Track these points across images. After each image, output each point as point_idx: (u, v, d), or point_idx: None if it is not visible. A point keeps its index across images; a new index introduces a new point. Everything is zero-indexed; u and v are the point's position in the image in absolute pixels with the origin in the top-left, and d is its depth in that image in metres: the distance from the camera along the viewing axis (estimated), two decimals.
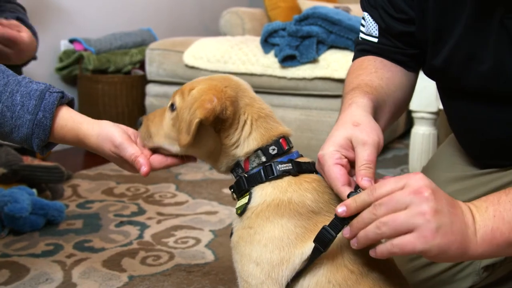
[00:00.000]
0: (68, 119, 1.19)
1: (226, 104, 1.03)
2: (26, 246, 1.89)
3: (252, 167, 1.06)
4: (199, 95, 1.03)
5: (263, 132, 1.06)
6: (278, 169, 1.03)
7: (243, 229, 1.03)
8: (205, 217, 2.19)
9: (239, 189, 1.08)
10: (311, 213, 1.01)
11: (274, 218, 1.00)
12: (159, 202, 2.37)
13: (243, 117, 1.06)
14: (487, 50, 1.13)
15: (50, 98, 1.17)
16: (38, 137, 1.17)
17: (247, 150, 1.06)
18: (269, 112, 1.10)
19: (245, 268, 1.02)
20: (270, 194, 1.02)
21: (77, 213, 2.22)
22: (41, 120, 1.15)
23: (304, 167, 1.05)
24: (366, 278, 0.98)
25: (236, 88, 1.08)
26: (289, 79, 2.83)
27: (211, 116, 1.01)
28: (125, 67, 3.46)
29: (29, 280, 1.65)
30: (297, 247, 0.99)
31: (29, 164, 2.30)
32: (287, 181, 1.03)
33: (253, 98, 1.09)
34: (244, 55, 2.95)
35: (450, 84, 1.29)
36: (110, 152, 1.16)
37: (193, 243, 1.93)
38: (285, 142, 1.07)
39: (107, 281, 1.65)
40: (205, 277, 1.68)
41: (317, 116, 2.85)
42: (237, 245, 1.04)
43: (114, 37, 3.51)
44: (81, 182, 2.63)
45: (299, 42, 2.79)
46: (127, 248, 1.89)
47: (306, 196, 1.01)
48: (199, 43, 3.17)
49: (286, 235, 0.99)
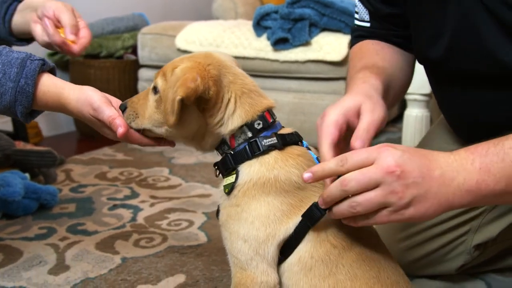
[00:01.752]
0: (50, 85, 1.20)
1: (209, 84, 1.02)
2: (19, 229, 1.89)
3: (239, 143, 1.06)
4: (182, 73, 1.02)
5: (248, 108, 1.06)
6: (263, 144, 1.03)
7: (231, 207, 1.05)
8: (198, 200, 2.19)
9: (225, 167, 1.07)
10: (297, 190, 1.02)
11: (260, 196, 1.01)
12: (152, 185, 2.37)
13: (227, 95, 1.05)
14: (471, 32, 1.13)
15: (32, 65, 1.18)
16: (21, 104, 1.17)
17: (232, 128, 1.06)
18: (253, 87, 1.09)
19: (234, 245, 1.04)
20: (257, 172, 1.03)
21: (70, 197, 2.22)
22: (23, 87, 1.16)
23: (289, 139, 1.06)
24: (349, 252, 1.00)
25: (219, 66, 1.07)
26: (281, 62, 2.82)
27: (193, 95, 1.00)
28: (117, 52, 3.44)
29: (22, 262, 1.65)
30: (283, 223, 1.01)
31: (21, 149, 2.29)
32: (274, 157, 1.03)
33: (236, 75, 1.08)
34: (236, 39, 2.94)
35: (436, 68, 1.29)
36: (89, 116, 1.16)
37: (186, 225, 1.94)
38: (269, 115, 1.08)
39: (100, 263, 1.65)
40: (198, 258, 1.69)
41: (310, 99, 2.84)
42: (226, 223, 1.06)
43: (106, 22, 3.49)
44: (74, 166, 2.63)
45: (292, 25, 2.78)
46: (120, 230, 1.89)
47: (292, 172, 1.02)
48: (191, 27, 3.15)
49: (272, 213, 1.01)
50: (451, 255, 1.48)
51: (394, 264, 1.04)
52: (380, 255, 1.02)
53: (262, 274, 1.02)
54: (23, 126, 2.82)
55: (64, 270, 1.61)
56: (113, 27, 3.47)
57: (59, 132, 3.42)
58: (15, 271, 1.60)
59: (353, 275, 0.98)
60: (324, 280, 0.99)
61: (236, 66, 1.12)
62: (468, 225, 1.43)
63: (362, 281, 0.98)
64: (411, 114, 2.51)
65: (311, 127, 2.81)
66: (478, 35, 1.10)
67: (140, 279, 1.56)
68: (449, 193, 0.90)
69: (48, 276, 1.57)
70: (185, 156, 2.81)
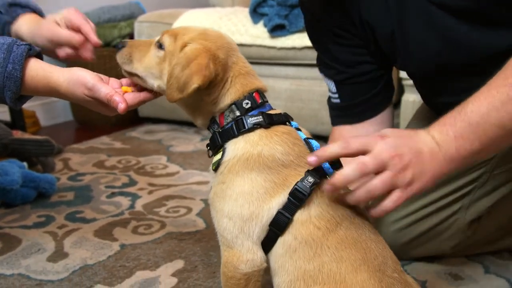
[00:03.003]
0: (38, 69, 1.19)
1: (218, 70, 1.05)
2: (18, 218, 1.90)
3: (227, 121, 1.07)
4: (193, 55, 1.03)
5: (238, 87, 1.08)
6: (249, 122, 1.05)
7: (217, 185, 1.06)
8: (196, 187, 2.20)
9: (213, 145, 1.10)
10: (280, 167, 1.03)
11: (244, 172, 1.03)
12: (150, 173, 2.38)
13: (227, 75, 1.08)
14: (428, 31, 1.21)
15: (18, 50, 1.17)
16: (10, 89, 1.17)
17: (222, 106, 1.08)
18: (250, 70, 1.11)
19: (220, 223, 1.06)
20: (242, 149, 1.04)
21: (69, 185, 2.22)
22: (11, 72, 1.16)
23: (276, 118, 1.07)
24: (333, 234, 1.01)
25: (228, 49, 1.09)
26: (278, 49, 2.81)
27: (207, 83, 1.03)
28: (114, 41, 3.42)
29: (21, 250, 1.65)
30: (266, 202, 1.02)
31: (19, 138, 2.29)
32: (258, 134, 1.05)
33: (239, 58, 1.12)
34: (233, 26, 2.93)
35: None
36: (83, 96, 1.16)
37: (184, 212, 1.94)
38: (258, 96, 1.09)
39: (99, 250, 1.66)
40: (196, 244, 1.69)
41: (307, 85, 2.83)
42: (213, 201, 1.08)
43: (102, 11, 3.47)
44: (72, 155, 2.63)
45: (288, 12, 2.76)
46: (119, 218, 1.90)
47: (276, 149, 1.03)
48: (187, 14, 3.14)
49: (256, 189, 1.02)
50: (445, 234, 1.49)
51: (381, 245, 1.05)
52: (367, 236, 1.03)
53: (248, 252, 1.03)
54: (21, 116, 2.82)
55: (63, 257, 1.61)
56: (109, 16, 3.46)
57: (57, 122, 3.42)
58: (14, 259, 1.60)
59: (338, 257, 0.99)
60: (309, 262, 1.00)
61: (239, 52, 1.15)
62: (459, 203, 1.44)
63: (348, 263, 0.99)
64: (409, 99, 2.51)
65: (309, 114, 2.81)
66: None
67: (138, 265, 1.56)
68: (438, 165, 1.00)
69: (47, 263, 1.58)
70: (183, 144, 2.81)
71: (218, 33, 1.13)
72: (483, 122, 0.99)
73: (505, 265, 1.55)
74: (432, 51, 1.23)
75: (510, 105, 0.97)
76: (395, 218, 1.48)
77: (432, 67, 1.26)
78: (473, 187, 1.42)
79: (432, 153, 1.00)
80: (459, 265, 1.54)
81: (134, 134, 3.03)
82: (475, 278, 1.48)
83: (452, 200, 1.43)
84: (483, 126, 0.99)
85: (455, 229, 1.46)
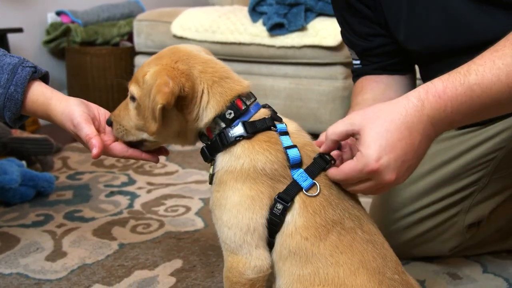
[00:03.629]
0: (40, 95, 1.20)
1: (182, 82, 1.01)
2: (17, 217, 1.90)
3: (215, 134, 1.06)
4: (153, 80, 1.01)
5: (218, 98, 1.05)
6: (230, 136, 1.03)
7: (214, 193, 1.06)
8: (195, 186, 2.20)
9: (204, 157, 1.10)
10: (264, 177, 1.02)
11: (231, 182, 1.03)
12: (149, 172, 2.38)
13: (200, 87, 1.04)
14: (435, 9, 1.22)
15: (23, 73, 1.18)
16: (10, 110, 1.18)
17: (206, 121, 1.06)
18: (223, 73, 1.07)
19: (221, 232, 1.05)
20: (227, 162, 1.04)
21: (67, 184, 2.22)
22: (12, 94, 1.17)
23: (259, 125, 1.05)
24: (324, 242, 1.00)
25: (187, 58, 1.05)
26: (277, 48, 2.81)
27: (171, 99, 0.99)
28: (113, 39, 3.43)
29: (19, 249, 1.65)
30: (255, 213, 1.01)
31: (18, 137, 2.29)
32: (241, 146, 1.03)
33: (206, 63, 1.07)
34: (232, 25, 2.93)
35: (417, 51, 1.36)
36: (71, 131, 1.17)
37: (183, 211, 1.94)
38: (240, 102, 1.06)
39: (98, 249, 1.66)
40: (195, 243, 1.69)
41: (306, 84, 2.84)
42: (213, 209, 1.07)
43: (101, 9, 3.48)
44: (71, 154, 2.63)
45: (287, 10, 2.77)
46: (118, 217, 1.90)
47: (258, 159, 1.02)
48: (187, 13, 3.14)
49: (243, 200, 1.01)
50: (444, 236, 1.49)
51: (379, 245, 1.03)
52: (361, 238, 1.02)
53: (256, 258, 1.02)
54: None
55: (61, 256, 1.61)
56: (108, 14, 3.46)
57: None
58: (12, 258, 1.60)
59: (334, 262, 0.98)
60: (302, 268, 1.00)
61: (204, 53, 1.11)
62: (459, 206, 1.44)
63: (345, 267, 0.98)
64: None
65: (308, 113, 2.82)
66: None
67: (137, 264, 1.56)
68: (430, 141, 1.01)
69: (45, 262, 1.58)
70: None
71: (173, 47, 1.10)
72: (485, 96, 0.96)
73: (504, 264, 1.55)
74: (433, 29, 1.23)
75: None
76: (395, 217, 1.48)
77: (433, 45, 1.27)
78: (473, 190, 1.42)
79: (426, 140, 0.99)
80: (457, 265, 1.54)
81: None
82: (473, 277, 1.48)
83: (451, 203, 1.43)
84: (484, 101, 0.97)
85: (454, 232, 1.46)
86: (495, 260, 1.57)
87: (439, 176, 1.43)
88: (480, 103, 0.96)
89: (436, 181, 1.43)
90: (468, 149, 1.40)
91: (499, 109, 1.00)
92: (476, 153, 1.39)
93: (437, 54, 1.29)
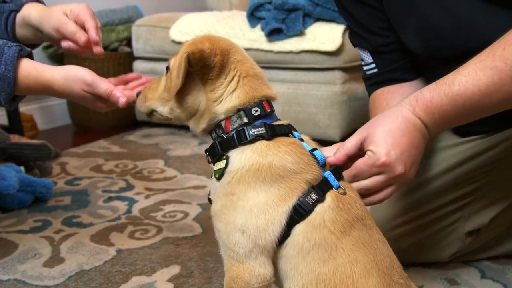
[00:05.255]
0: (31, 69, 1.21)
1: (215, 51, 1.01)
2: (15, 223, 1.90)
3: (233, 127, 1.03)
4: (191, 41, 1.02)
5: (248, 90, 1.04)
6: (250, 134, 1.01)
7: (226, 197, 1.01)
8: (193, 191, 2.20)
9: (213, 153, 1.05)
10: (293, 174, 1.00)
11: (256, 183, 0.98)
12: (147, 177, 2.37)
13: (232, 73, 1.04)
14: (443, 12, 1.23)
15: (10, 52, 1.19)
16: (4, 90, 1.18)
17: (228, 107, 1.03)
18: (259, 73, 1.07)
19: (230, 237, 1.00)
20: (250, 159, 1.00)
21: (66, 189, 2.22)
22: (4, 74, 1.17)
23: (278, 130, 1.03)
24: (347, 236, 0.99)
25: (231, 45, 1.07)
26: (276, 53, 2.82)
27: (198, 54, 0.99)
28: (111, 44, 3.43)
29: (17, 255, 1.65)
30: (281, 206, 0.98)
31: (16, 142, 2.29)
32: (266, 144, 1.01)
33: (246, 57, 1.08)
34: (230, 30, 2.93)
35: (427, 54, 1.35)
36: (81, 92, 1.18)
37: (181, 216, 1.94)
38: (268, 105, 1.06)
39: (95, 255, 1.65)
40: (193, 249, 1.69)
41: (305, 89, 2.84)
42: (220, 214, 1.02)
43: (100, 15, 3.47)
44: (69, 159, 2.63)
45: (286, 15, 2.77)
46: (115, 223, 1.89)
47: (287, 159, 1.00)
48: (185, 18, 3.14)
49: (271, 198, 0.98)
50: (443, 243, 1.49)
51: (387, 246, 1.04)
52: (376, 237, 1.02)
53: (260, 266, 0.99)
54: (18, 119, 2.81)
55: (59, 262, 1.61)
56: (107, 20, 3.46)
57: (54, 125, 3.42)
58: (10, 264, 1.60)
59: (353, 259, 0.97)
60: (324, 264, 0.97)
61: (247, 54, 1.11)
62: (459, 213, 1.44)
63: (361, 265, 0.97)
64: None
65: (306, 118, 2.82)
66: None
67: (135, 270, 1.56)
68: (426, 140, 1.14)
69: (43, 268, 1.58)
70: (180, 148, 2.81)
71: (223, 37, 1.11)
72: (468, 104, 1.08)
73: (502, 270, 1.55)
74: (440, 30, 1.23)
75: None
76: (396, 223, 1.48)
77: (437, 47, 1.26)
78: (473, 198, 1.42)
79: (423, 140, 1.12)
80: (455, 270, 1.54)
81: (131, 138, 3.03)
82: (471, 283, 1.48)
83: (452, 210, 1.43)
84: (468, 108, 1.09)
85: (453, 238, 1.46)
86: (493, 265, 1.57)
87: (440, 183, 1.43)
88: (464, 110, 1.09)
89: (437, 188, 1.43)
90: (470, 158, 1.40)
91: (482, 113, 1.12)
92: (477, 162, 1.40)
93: (442, 58, 1.28)
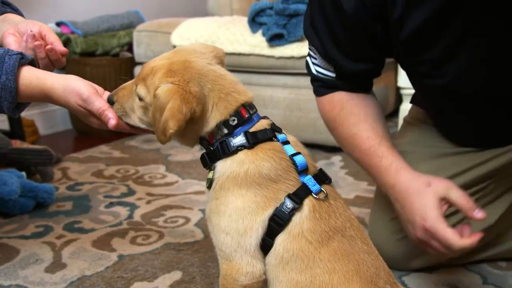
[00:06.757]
0: (32, 77, 1.20)
1: (193, 107, 1.04)
2: (16, 228, 1.90)
3: (216, 139, 1.09)
4: (165, 99, 1.02)
5: (222, 110, 1.08)
6: (232, 146, 1.06)
7: (212, 201, 1.09)
8: (195, 196, 2.20)
9: (204, 164, 1.12)
10: (269, 182, 1.04)
11: (234, 188, 1.05)
12: (149, 183, 2.38)
13: (209, 106, 1.08)
14: None
15: (10, 61, 1.18)
16: (6, 99, 1.18)
17: (208, 129, 1.09)
18: (230, 88, 1.10)
19: (217, 237, 1.08)
20: (229, 167, 1.06)
21: (67, 195, 2.22)
22: (5, 83, 1.17)
23: (260, 136, 1.08)
24: (325, 247, 1.02)
25: (199, 77, 1.07)
26: (277, 58, 2.82)
27: (183, 125, 1.03)
28: (113, 50, 3.44)
29: (19, 261, 1.65)
30: (258, 215, 1.04)
31: (18, 148, 2.29)
32: (244, 153, 1.06)
33: (214, 80, 1.09)
34: (231, 35, 2.94)
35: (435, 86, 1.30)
36: (76, 105, 1.18)
37: (182, 222, 1.94)
38: (244, 111, 1.09)
39: (97, 260, 1.65)
40: (195, 255, 1.69)
41: (306, 95, 2.84)
42: (209, 217, 1.10)
43: (101, 20, 3.48)
44: (71, 165, 2.63)
45: (287, 21, 2.77)
46: (117, 228, 1.89)
47: (263, 165, 1.04)
48: (186, 23, 3.15)
49: (247, 205, 1.04)
50: None
51: (374, 256, 1.07)
52: (359, 248, 1.05)
53: (247, 265, 1.05)
54: (20, 125, 2.82)
55: (61, 268, 1.61)
56: (108, 25, 3.47)
57: (56, 130, 3.42)
58: (11, 270, 1.60)
59: (330, 268, 1.01)
60: (301, 273, 1.02)
61: (214, 63, 1.12)
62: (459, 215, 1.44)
63: (340, 274, 1.01)
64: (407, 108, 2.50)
65: (307, 123, 2.82)
66: None
67: (136, 276, 1.56)
68: None
69: (44, 274, 1.58)
70: (182, 153, 2.81)
71: (184, 60, 1.08)
72: None
73: (503, 275, 1.55)
74: (477, 76, 1.22)
75: None
76: (396, 228, 1.48)
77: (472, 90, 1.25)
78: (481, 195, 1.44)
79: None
80: (457, 276, 1.54)
81: (132, 143, 3.03)
82: None
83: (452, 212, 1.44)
84: None
85: None
86: (494, 271, 1.57)
87: None
88: None
89: None
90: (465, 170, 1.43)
91: None
92: (476, 173, 1.42)
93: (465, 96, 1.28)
